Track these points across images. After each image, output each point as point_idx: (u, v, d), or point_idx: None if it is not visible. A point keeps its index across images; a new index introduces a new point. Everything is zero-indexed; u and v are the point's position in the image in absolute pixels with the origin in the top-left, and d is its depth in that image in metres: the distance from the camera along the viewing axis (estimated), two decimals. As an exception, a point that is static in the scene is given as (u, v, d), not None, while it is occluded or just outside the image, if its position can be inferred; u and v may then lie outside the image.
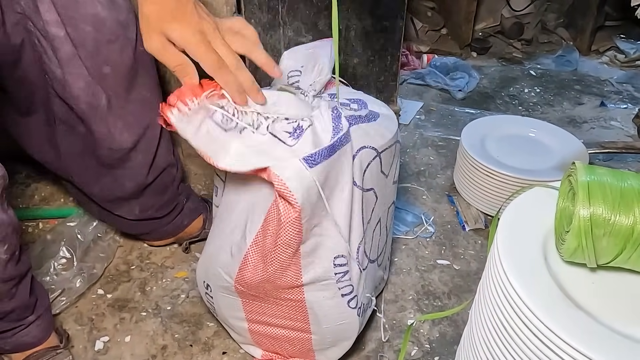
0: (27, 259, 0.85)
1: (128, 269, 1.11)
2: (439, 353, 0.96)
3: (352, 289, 0.80)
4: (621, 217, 0.53)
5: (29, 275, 0.85)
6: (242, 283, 0.78)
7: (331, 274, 0.76)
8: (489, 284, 0.58)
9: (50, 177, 1.30)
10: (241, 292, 0.80)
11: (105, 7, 0.83)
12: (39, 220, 1.21)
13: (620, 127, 1.73)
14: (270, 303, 0.82)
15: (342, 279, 0.78)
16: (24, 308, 0.85)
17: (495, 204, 1.23)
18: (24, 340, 0.86)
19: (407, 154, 1.52)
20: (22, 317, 0.85)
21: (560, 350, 0.48)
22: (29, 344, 0.87)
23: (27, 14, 0.80)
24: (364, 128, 0.80)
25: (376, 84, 1.37)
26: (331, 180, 0.72)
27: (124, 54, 0.87)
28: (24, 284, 0.84)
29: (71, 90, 0.86)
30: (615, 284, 0.58)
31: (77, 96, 0.87)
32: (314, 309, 0.80)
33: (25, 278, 0.84)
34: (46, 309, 0.90)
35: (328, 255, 0.75)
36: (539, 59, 2.19)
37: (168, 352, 0.95)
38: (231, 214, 0.80)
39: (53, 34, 0.82)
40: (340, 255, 0.76)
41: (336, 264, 0.76)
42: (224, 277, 0.81)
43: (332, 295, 0.79)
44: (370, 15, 1.25)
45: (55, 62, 0.84)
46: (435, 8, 2.28)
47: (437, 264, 1.15)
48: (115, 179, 0.97)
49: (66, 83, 0.86)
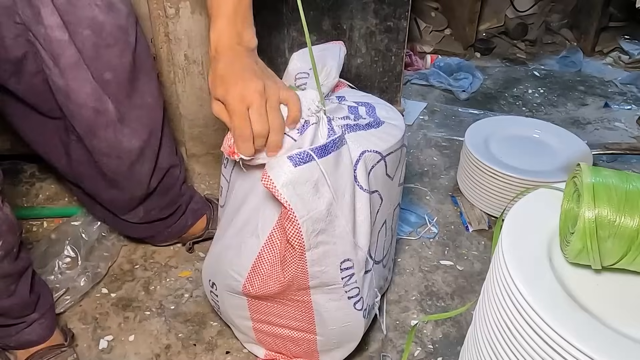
0: (27, 257, 0.85)
1: (132, 268, 1.12)
2: (442, 354, 0.96)
3: (358, 291, 0.80)
4: (626, 219, 0.53)
5: (29, 273, 0.86)
6: (253, 283, 0.79)
7: (338, 279, 0.76)
8: (493, 285, 0.58)
9: (54, 177, 1.30)
10: (249, 292, 0.80)
11: (103, 11, 0.82)
12: (43, 219, 1.22)
13: (624, 128, 1.73)
14: (276, 303, 0.82)
15: (348, 282, 0.78)
16: (24, 306, 0.85)
17: (498, 204, 1.23)
18: (28, 338, 0.87)
19: (411, 154, 1.52)
20: (23, 314, 0.85)
21: (564, 352, 0.48)
22: (32, 341, 0.87)
23: (27, 24, 0.79)
24: (363, 135, 0.80)
25: (380, 84, 1.37)
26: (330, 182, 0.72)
27: (123, 59, 0.86)
28: (23, 281, 0.84)
29: (77, 98, 0.85)
30: (620, 285, 0.58)
31: (83, 103, 0.85)
32: (320, 311, 0.80)
33: (24, 275, 0.84)
34: (49, 307, 0.90)
35: (334, 261, 0.75)
36: (543, 59, 2.19)
37: (172, 352, 0.95)
38: (239, 213, 0.81)
39: (57, 38, 0.80)
40: (347, 259, 0.76)
41: (342, 268, 0.76)
42: (233, 276, 0.81)
43: (338, 298, 0.79)
44: (375, 15, 1.25)
45: (56, 72, 0.83)
46: (439, 8, 2.28)
47: (441, 264, 1.15)
48: (123, 189, 0.97)
49: (71, 91, 0.84)
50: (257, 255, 0.77)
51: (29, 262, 0.86)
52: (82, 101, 0.85)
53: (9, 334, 0.86)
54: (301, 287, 0.77)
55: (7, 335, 0.86)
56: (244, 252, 0.79)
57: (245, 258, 0.79)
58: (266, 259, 0.77)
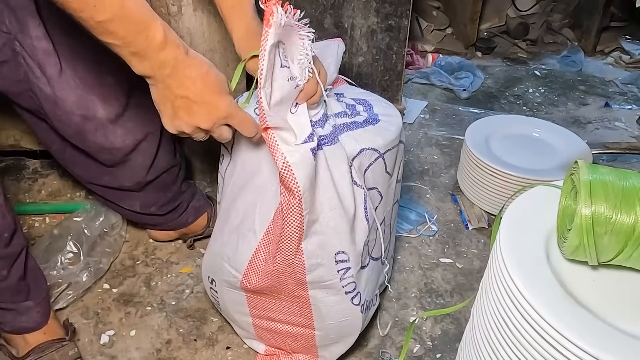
0: (20, 243, 0.86)
1: (133, 264, 1.13)
2: (440, 350, 0.96)
3: (355, 286, 0.80)
4: (623, 216, 0.53)
5: (22, 259, 0.87)
6: (250, 278, 0.79)
7: (334, 271, 0.77)
8: (491, 281, 0.59)
9: (57, 173, 1.31)
10: (246, 287, 0.81)
11: None
12: (46, 215, 1.23)
13: (624, 127, 1.73)
14: (275, 299, 0.83)
15: (344, 276, 0.78)
16: (16, 291, 0.86)
17: (498, 203, 1.23)
18: (25, 325, 0.89)
19: (411, 152, 1.53)
20: (16, 300, 0.87)
21: (562, 347, 0.49)
22: (28, 328, 0.89)
23: (13, 33, 0.81)
24: (360, 132, 0.81)
25: (381, 82, 1.38)
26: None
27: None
28: (16, 267, 0.85)
29: (64, 106, 0.86)
30: (616, 281, 0.58)
31: (70, 111, 0.87)
32: (317, 306, 0.81)
33: (17, 261, 0.85)
34: (44, 295, 0.91)
35: (329, 252, 0.76)
36: (544, 59, 2.19)
37: (172, 347, 0.96)
38: (236, 209, 0.81)
39: (42, 48, 0.82)
40: (341, 252, 0.77)
41: (337, 260, 0.77)
42: (230, 272, 0.82)
43: (335, 292, 0.79)
44: (376, 13, 1.26)
45: (44, 80, 0.84)
46: (440, 7, 2.29)
47: (440, 262, 1.16)
48: (115, 178, 0.99)
49: (57, 99, 0.86)
50: (254, 251, 0.78)
51: (22, 248, 0.87)
52: (69, 109, 0.87)
53: (4, 320, 0.88)
54: (299, 282, 0.78)
55: (3, 321, 0.88)
56: (240, 248, 0.80)
57: (242, 254, 0.79)
58: (263, 254, 0.78)
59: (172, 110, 0.68)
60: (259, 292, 0.82)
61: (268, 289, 0.81)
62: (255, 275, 0.79)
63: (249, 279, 0.79)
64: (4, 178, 1.27)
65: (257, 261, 0.78)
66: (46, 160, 1.32)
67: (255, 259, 0.78)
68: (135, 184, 0.99)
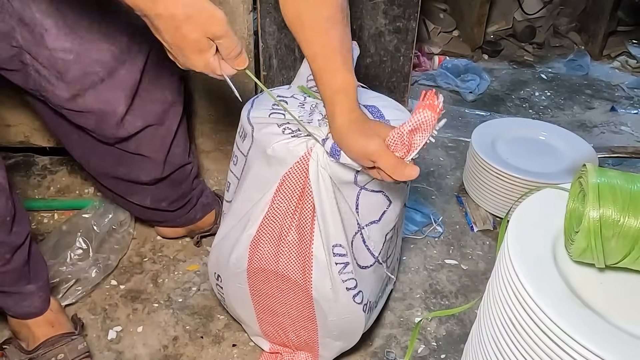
0: (23, 230, 0.87)
1: (141, 261, 1.14)
2: (445, 351, 0.97)
3: (356, 283, 0.81)
4: (630, 219, 0.54)
5: (26, 245, 0.88)
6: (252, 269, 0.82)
7: (332, 262, 0.79)
8: (498, 282, 0.60)
9: (66, 169, 1.32)
10: (251, 281, 0.82)
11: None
12: (54, 211, 1.24)
13: (630, 132, 1.73)
14: (278, 294, 0.84)
15: (343, 270, 0.80)
16: (19, 276, 0.87)
17: (504, 205, 1.24)
18: (27, 310, 0.90)
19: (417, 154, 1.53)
20: (19, 284, 0.88)
21: (569, 348, 0.50)
22: (30, 313, 0.90)
23: (25, 47, 0.82)
24: None
25: (388, 84, 1.39)
26: None
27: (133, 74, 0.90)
28: (19, 253, 0.86)
29: (85, 104, 0.88)
30: (623, 284, 0.59)
31: (90, 109, 0.89)
32: (319, 301, 0.82)
33: (21, 247, 0.86)
34: (45, 281, 0.93)
35: (327, 242, 0.78)
36: (551, 62, 2.19)
37: (179, 343, 0.97)
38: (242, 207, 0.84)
39: (62, 58, 0.83)
40: (338, 245, 0.78)
41: (335, 253, 0.79)
42: (235, 264, 0.83)
43: (336, 288, 0.80)
44: (384, 16, 1.27)
45: (61, 86, 0.86)
46: (447, 10, 2.29)
47: (445, 263, 1.17)
48: (132, 170, 0.99)
49: (78, 99, 0.87)
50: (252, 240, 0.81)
51: (26, 235, 0.88)
52: (89, 106, 0.88)
53: (7, 304, 0.89)
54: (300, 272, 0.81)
55: (6, 306, 0.89)
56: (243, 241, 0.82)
57: (244, 246, 0.82)
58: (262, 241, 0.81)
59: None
60: (264, 286, 0.84)
61: (270, 283, 0.82)
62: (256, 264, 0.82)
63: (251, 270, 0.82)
64: (13, 174, 1.28)
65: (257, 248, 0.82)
66: (55, 157, 1.33)
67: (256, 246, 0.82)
68: (152, 179, 1.00)
